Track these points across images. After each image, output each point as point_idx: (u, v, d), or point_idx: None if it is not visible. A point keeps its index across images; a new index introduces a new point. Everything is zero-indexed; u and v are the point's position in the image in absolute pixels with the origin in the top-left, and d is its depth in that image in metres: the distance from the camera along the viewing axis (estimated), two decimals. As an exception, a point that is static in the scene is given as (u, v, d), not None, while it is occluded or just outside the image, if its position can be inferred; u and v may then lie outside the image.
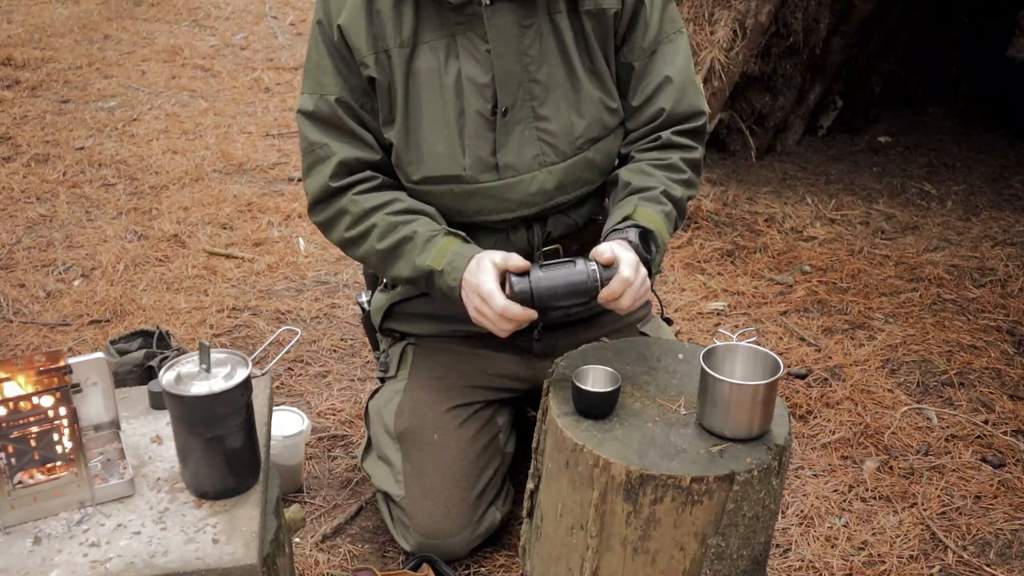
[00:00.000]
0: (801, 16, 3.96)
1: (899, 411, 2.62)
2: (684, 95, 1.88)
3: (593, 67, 1.85)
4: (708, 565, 1.52)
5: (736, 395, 1.51)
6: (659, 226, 1.77)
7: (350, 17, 1.76)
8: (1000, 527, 2.21)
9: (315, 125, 1.82)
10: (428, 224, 1.79)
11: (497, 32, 1.75)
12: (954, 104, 5.17)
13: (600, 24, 1.83)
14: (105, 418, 1.55)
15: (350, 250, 1.87)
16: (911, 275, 3.40)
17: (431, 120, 1.80)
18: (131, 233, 3.54)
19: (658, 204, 1.80)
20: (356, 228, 1.81)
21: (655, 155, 1.88)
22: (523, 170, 1.84)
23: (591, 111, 1.85)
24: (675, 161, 1.87)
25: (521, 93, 1.80)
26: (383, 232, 1.79)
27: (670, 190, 1.83)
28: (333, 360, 2.81)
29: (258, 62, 5.88)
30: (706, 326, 3.02)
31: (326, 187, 1.81)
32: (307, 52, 1.84)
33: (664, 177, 1.84)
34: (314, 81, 1.82)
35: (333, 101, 1.80)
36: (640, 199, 1.81)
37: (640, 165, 1.87)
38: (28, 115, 4.73)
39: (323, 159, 1.81)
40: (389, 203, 1.81)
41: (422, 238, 1.76)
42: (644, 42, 1.86)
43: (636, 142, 1.92)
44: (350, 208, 1.81)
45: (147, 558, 1.33)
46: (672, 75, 1.87)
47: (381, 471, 2.03)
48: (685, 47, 1.91)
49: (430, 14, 1.77)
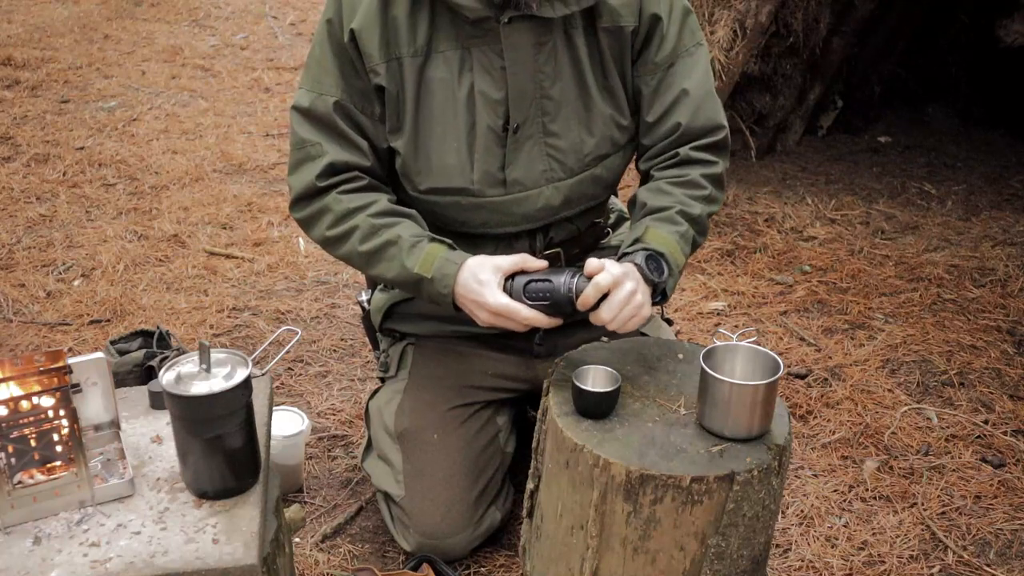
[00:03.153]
0: (801, 16, 3.95)
1: (899, 411, 2.62)
2: (702, 108, 1.85)
3: (607, 83, 1.84)
4: (708, 565, 1.52)
5: (736, 395, 1.51)
6: (671, 247, 1.75)
7: (365, 22, 1.74)
8: (1000, 527, 2.21)
9: (309, 123, 1.80)
10: (411, 228, 1.78)
11: (513, 51, 1.74)
12: (954, 104, 5.16)
13: (617, 41, 1.81)
14: (105, 418, 1.55)
15: (331, 249, 1.84)
16: (911, 275, 3.40)
17: (441, 132, 1.79)
18: (131, 233, 3.54)
19: (672, 224, 1.78)
20: (337, 228, 1.79)
21: (673, 172, 1.85)
22: (530, 185, 1.83)
23: (601, 128, 1.85)
24: (694, 177, 1.84)
25: (533, 109, 1.79)
26: (365, 234, 1.77)
27: (687, 208, 1.80)
28: (333, 360, 2.81)
29: (258, 62, 5.88)
30: (706, 326, 3.02)
31: (312, 185, 1.79)
32: (311, 47, 1.82)
33: (682, 195, 1.82)
34: (314, 79, 1.80)
35: (331, 103, 1.78)
36: (653, 220, 1.79)
37: (658, 184, 1.85)
38: (28, 115, 4.73)
39: (313, 157, 1.79)
40: (371, 204, 1.78)
41: (407, 243, 1.74)
42: (659, 56, 1.83)
43: (655, 159, 1.89)
44: (333, 207, 1.79)
45: (147, 558, 1.33)
46: (689, 88, 1.83)
47: (381, 471, 2.03)
48: (705, 61, 1.87)
49: (445, 24, 1.75)
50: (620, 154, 1.91)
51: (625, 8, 1.79)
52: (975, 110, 5.08)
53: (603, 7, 1.78)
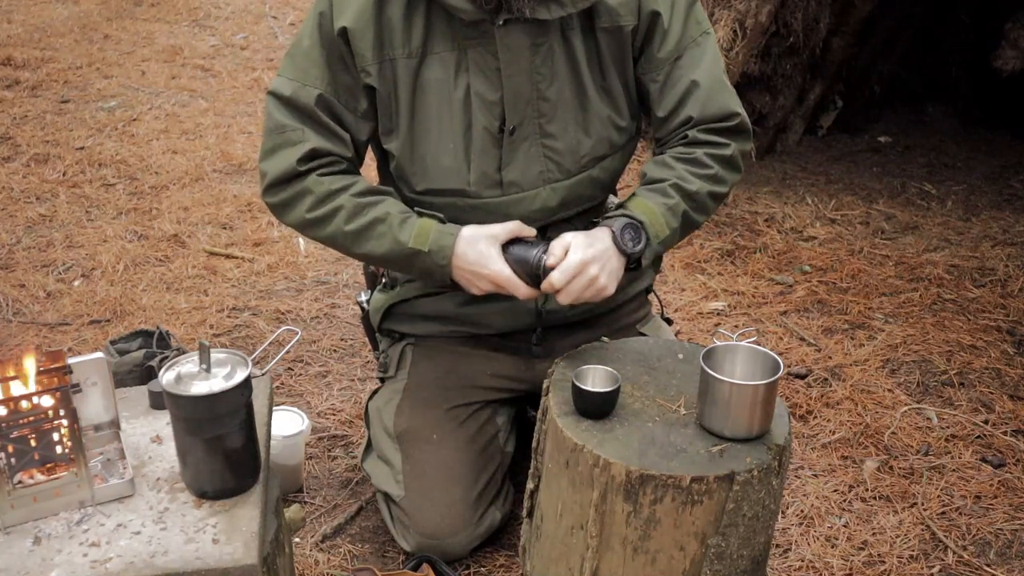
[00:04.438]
0: (801, 16, 3.95)
1: (899, 411, 2.62)
2: (712, 99, 1.83)
3: (604, 84, 1.84)
4: (708, 565, 1.52)
5: (736, 395, 1.52)
6: (653, 217, 1.76)
7: (358, 21, 1.73)
8: (1000, 527, 2.21)
9: (288, 110, 1.78)
10: (397, 204, 1.79)
11: (508, 53, 1.74)
12: (954, 104, 5.16)
13: (616, 41, 1.81)
14: (105, 418, 1.55)
15: (311, 231, 1.82)
16: (911, 275, 3.40)
17: (437, 133, 1.79)
18: (131, 233, 3.54)
19: (662, 196, 1.79)
20: (319, 209, 1.78)
21: (680, 150, 1.85)
22: (527, 187, 1.84)
23: (599, 129, 1.84)
24: (699, 156, 1.82)
25: (529, 111, 1.79)
26: (351, 213, 1.76)
27: (684, 183, 1.79)
28: (333, 360, 2.81)
29: (258, 62, 5.88)
30: (706, 326, 3.02)
31: (291, 169, 1.77)
32: (298, 35, 1.80)
33: (683, 170, 1.81)
34: (298, 68, 1.78)
35: (314, 95, 1.77)
36: (644, 190, 1.81)
37: (663, 158, 1.86)
38: (28, 115, 4.73)
39: (294, 143, 1.77)
40: (352, 185, 1.79)
41: (396, 219, 1.76)
42: (663, 52, 1.82)
43: (666, 145, 1.90)
44: (313, 188, 1.77)
45: (147, 558, 1.33)
46: (699, 79, 1.82)
47: (381, 471, 2.03)
48: (713, 48, 1.86)
49: (441, 25, 1.74)
50: (618, 155, 1.91)
51: (624, 7, 1.79)
52: (975, 110, 5.07)
53: (601, 8, 1.77)
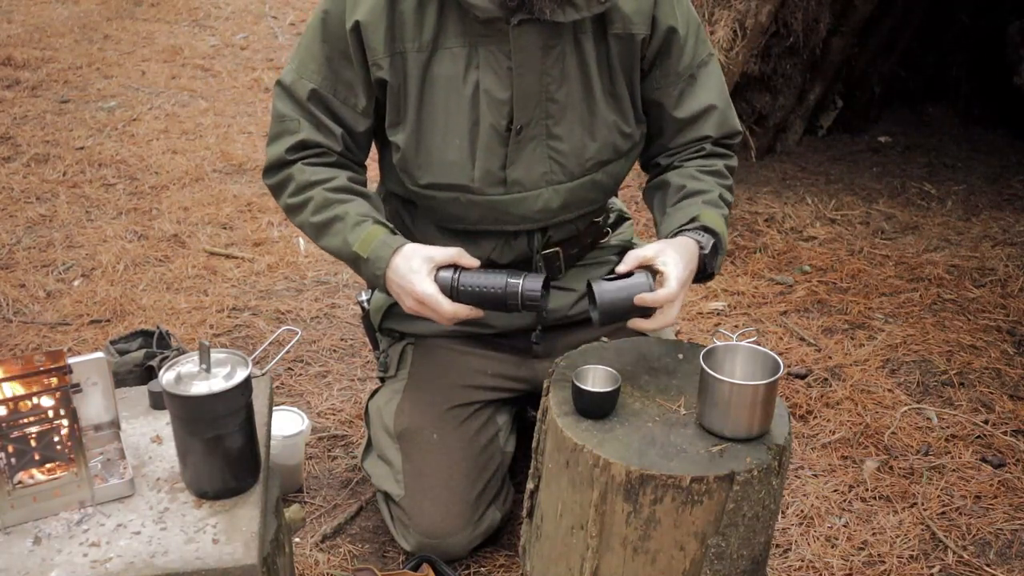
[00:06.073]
0: (801, 16, 3.95)
1: (899, 411, 2.62)
2: (726, 120, 1.94)
3: (613, 90, 1.85)
4: (708, 565, 1.52)
5: (736, 395, 1.51)
6: (722, 229, 1.82)
7: (371, 14, 1.74)
8: (1000, 527, 2.21)
9: (288, 99, 1.85)
10: (361, 207, 1.81)
11: (521, 52, 1.74)
12: (954, 104, 5.16)
13: (627, 48, 1.83)
14: (105, 418, 1.55)
15: (291, 216, 1.89)
16: (911, 275, 3.40)
17: (444, 128, 1.80)
18: (131, 233, 3.54)
19: (717, 208, 1.85)
20: (296, 197, 1.84)
21: (700, 162, 1.92)
22: (530, 187, 1.84)
23: (604, 134, 1.86)
24: (720, 168, 1.92)
25: (538, 111, 1.80)
26: (318, 206, 1.81)
27: (724, 195, 1.88)
28: (333, 360, 2.81)
29: (258, 62, 5.88)
30: (706, 326, 3.02)
31: (281, 157, 1.85)
32: (305, 30, 1.85)
33: (715, 182, 1.89)
34: (300, 61, 1.84)
35: (308, 89, 1.82)
36: (703, 202, 1.84)
37: (690, 171, 1.91)
38: (28, 115, 4.73)
39: (291, 132, 1.84)
40: (331, 179, 1.82)
41: (351, 221, 1.78)
42: (681, 67, 1.88)
43: (677, 154, 1.95)
44: (296, 176, 1.84)
45: (147, 558, 1.33)
46: (716, 103, 1.92)
47: (381, 471, 2.03)
48: (719, 71, 1.96)
49: (454, 21, 1.75)
50: (622, 161, 1.93)
51: (638, 16, 1.81)
52: (975, 110, 5.07)
53: (615, 13, 1.79)
